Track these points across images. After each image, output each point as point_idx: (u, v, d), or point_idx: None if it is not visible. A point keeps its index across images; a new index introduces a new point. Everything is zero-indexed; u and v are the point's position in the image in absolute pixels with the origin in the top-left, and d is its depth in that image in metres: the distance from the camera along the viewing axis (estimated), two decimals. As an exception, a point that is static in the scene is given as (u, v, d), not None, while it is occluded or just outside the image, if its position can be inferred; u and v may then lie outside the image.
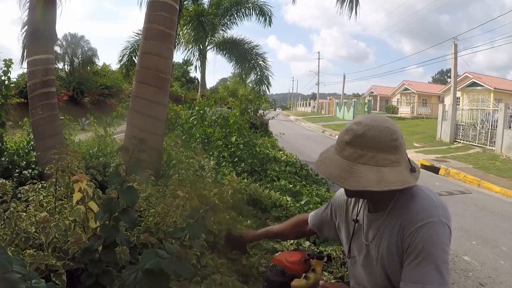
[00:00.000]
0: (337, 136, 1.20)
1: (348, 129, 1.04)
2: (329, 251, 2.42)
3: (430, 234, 0.95)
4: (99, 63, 26.53)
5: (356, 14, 7.15)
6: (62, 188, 1.98)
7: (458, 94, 22.67)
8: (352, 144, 1.01)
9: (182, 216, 1.74)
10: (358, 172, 0.98)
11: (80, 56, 24.55)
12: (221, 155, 5.17)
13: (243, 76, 14.62)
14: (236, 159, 5.19)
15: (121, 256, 1.50)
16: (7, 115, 4.97)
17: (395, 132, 1.03)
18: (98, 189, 2.32)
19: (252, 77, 14.17)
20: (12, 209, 1.75)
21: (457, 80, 19.71)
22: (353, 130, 1.02)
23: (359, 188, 0.97)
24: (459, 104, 20.47)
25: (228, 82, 53.61)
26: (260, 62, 14.06)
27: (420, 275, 0.94)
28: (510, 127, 11.78)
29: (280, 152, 7.33)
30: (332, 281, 2.02)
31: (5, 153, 4.06)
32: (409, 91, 34.40)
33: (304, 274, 1.31)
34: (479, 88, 23.13)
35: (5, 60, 4.12)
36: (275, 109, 54.48)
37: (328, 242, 2.73)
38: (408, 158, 1.07)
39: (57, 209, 1.88)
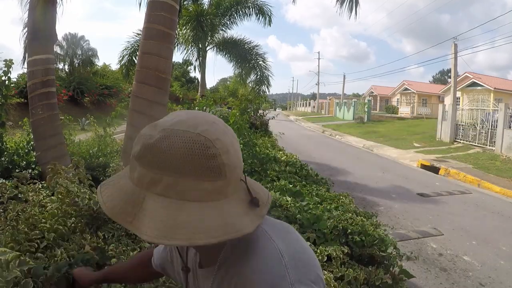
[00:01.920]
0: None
1: (139, 134, 0.62)
2: (329, 251, 2.42)
3: None
4: (99, 63, 26.60)
5: (356, 14, 7.16)
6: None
7: (458, 94, 22.67)
8: (141, 160, 0.59)
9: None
10: (145, 208, 0.57)
11: (80, 56, 24.57)
12: (221, 155, 5.16)
13: (243, 76, 14.59)
14: (236, 159, 5.19)
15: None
16: (7, 115, 4.97)
17: (216, 141, 0.58)
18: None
19: (252, 77, 14.15)
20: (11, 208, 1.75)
21: (457, 80, 19.71)
22: (143, 136, 0.61)
23: (142, 236, 0.55)
24: (459, 104, 20.47)
25: (228, 82, 53.61)
26: (260, 62, 14.05)
27: None
28: (510, 127, 11.78)
29: (280, 152, 7.33)
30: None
31: (5, 153, 4.06)
32: (409, 91, 34.40)
33: None
34: (479, 88, 23.13)
35: (5, 60, 4.12)
36: (275, 109, 54.58)
37: (328, 242, 2.73)
38: (247, 185, 0.66)
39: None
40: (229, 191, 0.61)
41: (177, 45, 13.89)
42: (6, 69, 4.09)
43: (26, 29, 4.65)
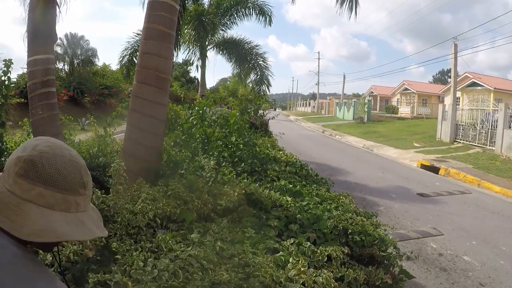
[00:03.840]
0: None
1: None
2: (329, 251, 2.42)
3: None
4: (99, 63, 26.57)
5: (356, 15, 7.15)
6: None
7: (458, 94, 22.67)
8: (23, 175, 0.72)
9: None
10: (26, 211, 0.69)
11: (80, 56, 24.54)
12: (221, 155, 5.17)
13: (243, 76, 14.58)
14: (236, 159, 5.19)
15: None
16: (7, 115, 4.98)
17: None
18: (97, 189, 2.33)
19: (252, 77, 14.11)
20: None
21: (457, 80, 19.71)
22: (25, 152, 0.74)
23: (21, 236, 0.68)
24: (459, 104, 20.47)
25: (228, 82, 53.62)
26: (260, 62, 14.02)
27: None
28: (510, 127, 11.78)
29: (280, 152, 7.33)
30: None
31: (5, 153, 4.06)
32: (409, 91, 34.41)
33: None
34: (479, 88, 23.13)
35: (5, 60, 4.12)
36: (275, 109, 54.59)
37: (328, 242, 2.73)
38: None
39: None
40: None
41: (178, 45, 13.88)
42: (6, 69, 4.10)
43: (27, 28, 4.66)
